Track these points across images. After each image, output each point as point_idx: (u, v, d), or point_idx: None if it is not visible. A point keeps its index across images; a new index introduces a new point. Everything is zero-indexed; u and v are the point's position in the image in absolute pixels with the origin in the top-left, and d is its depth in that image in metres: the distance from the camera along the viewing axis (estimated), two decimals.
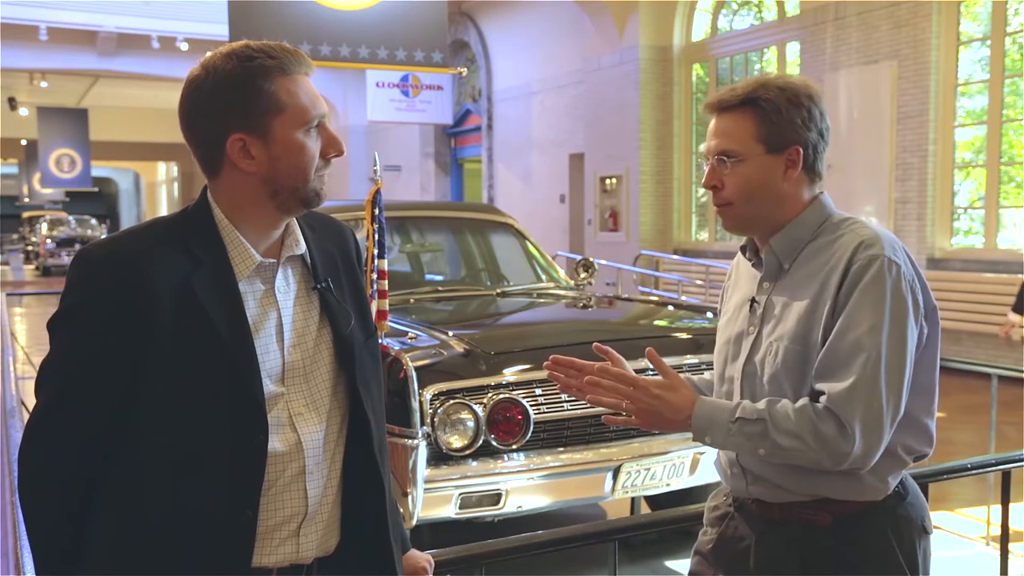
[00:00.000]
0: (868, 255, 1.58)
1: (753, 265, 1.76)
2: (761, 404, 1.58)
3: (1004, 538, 2.85)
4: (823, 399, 1.55)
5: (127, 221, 44.87)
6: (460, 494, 3.36)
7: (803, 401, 1.56)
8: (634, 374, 1.65)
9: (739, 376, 1.70)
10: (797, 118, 1.65)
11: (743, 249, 1.79)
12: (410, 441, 3.28)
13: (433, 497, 3.32)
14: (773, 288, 1.70)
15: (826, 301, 1.60)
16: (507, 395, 3.44)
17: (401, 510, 3.22)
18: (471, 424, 3.39)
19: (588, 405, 3.50)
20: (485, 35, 16.71)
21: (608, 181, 13.32)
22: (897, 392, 1.56)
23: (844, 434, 1.52)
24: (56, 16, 17.09)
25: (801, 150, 1.66)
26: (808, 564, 1.64)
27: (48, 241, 26.08)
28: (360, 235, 3.05)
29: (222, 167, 1.40)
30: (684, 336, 4.11)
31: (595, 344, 1.79)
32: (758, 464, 1.67)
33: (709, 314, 4.45)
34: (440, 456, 3.37)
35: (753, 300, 1.73)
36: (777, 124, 1.64)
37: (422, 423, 3.31)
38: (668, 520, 2.48)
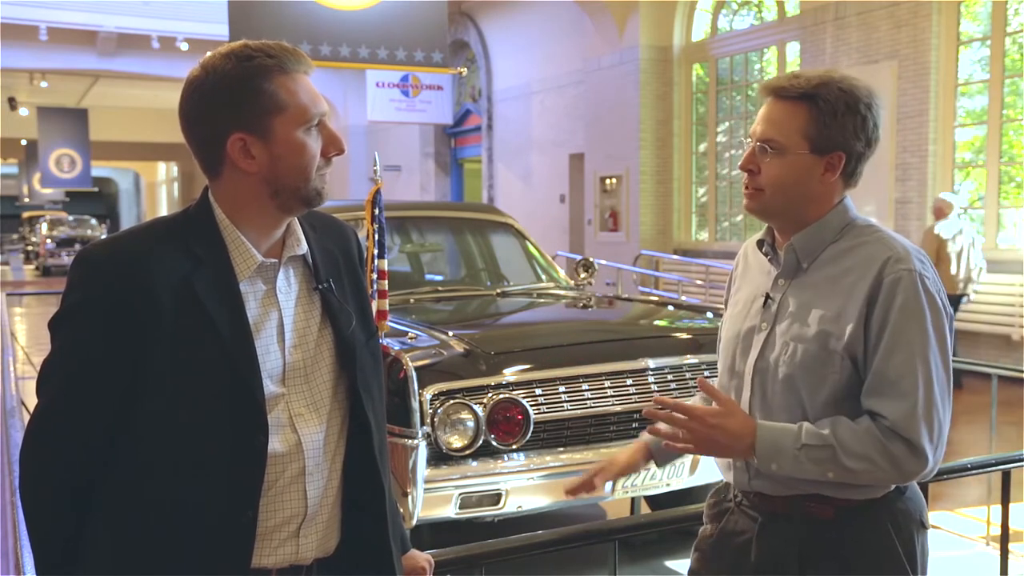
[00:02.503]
0: (899, 269, 1.59)
1: (769, 260, 1.75)
2: (825, 428, 1.58)
3: (1004, 538, 2.85)
4: (886, 421, 1.55)
5: (127, 221, 44.87)
6: (460, 494, 3.36)
7: (866, 422, 1.57)
8: (689, 404, 1.64)
9: (751, 372, 1.70)
10: (850, 124, 1.64)
11: (760, 243, 1.78)
12: (410, 441, 3.28)
13: (433, 497, 3.32)
14: (789, 286, 1.70)
15: (853, 311, 1.60)
16: (507, 395, 3.44)
17: (401, 510, 3.22)
18: (471, 424, 3.39)
19: (588, 405, 3.52)
20: (485, 35, 16.71)
21: (608, 181, 13.32)
22: (949, 404, 1.60)
23: (915, 454, 1.54)
24: (56, 16, 17.09)
25: (844, 157, 1.65)
26: (808, 557, 1.65)
27: (48, 241, 26.07)
28: (360, 235, 3.05)
29: (223, 167, 1.39)
30: (684, 336, 4.11)
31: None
32: None
33: (709, 314, 4.45)
34: (440, 456, 3.36)
35: (768, 296, 1.72)
36: (828, 127, 1.63)
37: (422, 423, 3.31)
38: (668, 520, 2.48)
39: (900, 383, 1.56)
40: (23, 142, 30.41)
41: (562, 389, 3.53)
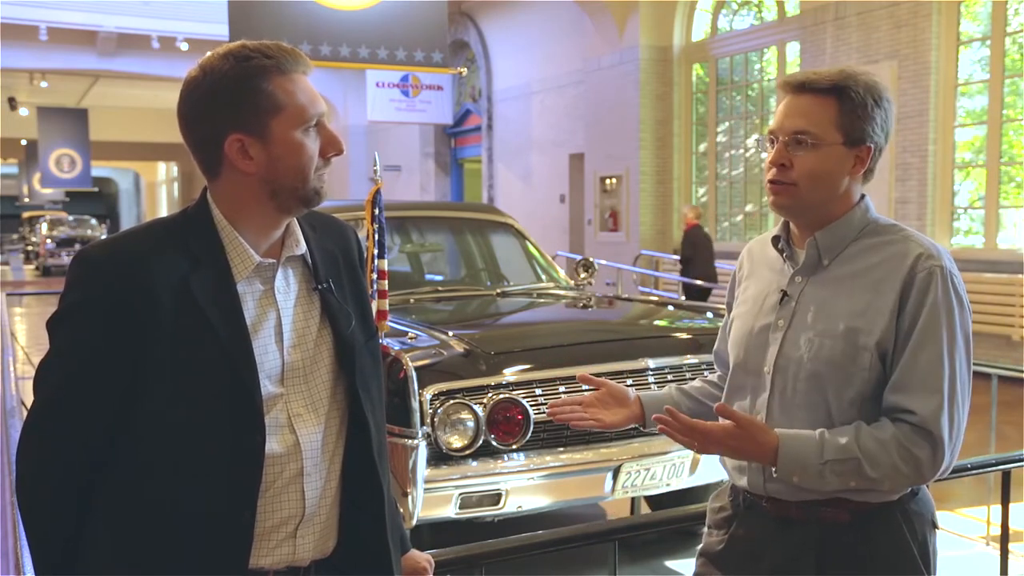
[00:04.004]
0: (931, 265, 1.58)
1: (787, 257, 1.73)
2: (845, 438, 1.56)
3: (1004, 538, 2.84)
4: (913, 418, 1.55)
5: (127, 221, 44.91)
6: (460, 494, 3.36)
7: (890, 428, 1.56)
8: (705, 426, 1.59)
9: (771, 370, 1.68)
10: (877, 118, 1.63)
11: (775, 239, 1.76)
12: (410, 441, 3.28)
13: (433, 497, 3.32)
14: (807, 283, 1.68)
15: (885, 306, 1.59)
16: (507, 395, 3.43)
17: (401, 510, 3.22)
18: (471, 424, 3.39)
19: None
20: (485, 35, 16.71)
21: (608, 181, 13.32)
22: (968, 404, 1.60)
23: (936, 454, 1.54)
24: (56, 16, 17.11)
25: (872, 150, 1.65)
26: (825, 562, 1.63)
27: (48, 241, 26.09)
28: (360, 235, 3.05)
29: (221, 168, 1.39)
30: (684, 336, 4.10)
31: (579, 375, 1.85)
32: None
33: (709, 314, 4.45)
34: (440, 456, 3.36)
35: (784, 293, 1.70)
36: (860, 119, 1.62)
37: (422, 423, 3.31)
38: (668, 520, 2.48)
39: (929, 379, 1.55)
40: (23, 142, 30.43)
41: (562, 389, 3.53)
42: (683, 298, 10.47)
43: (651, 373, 3.67)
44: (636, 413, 1.87)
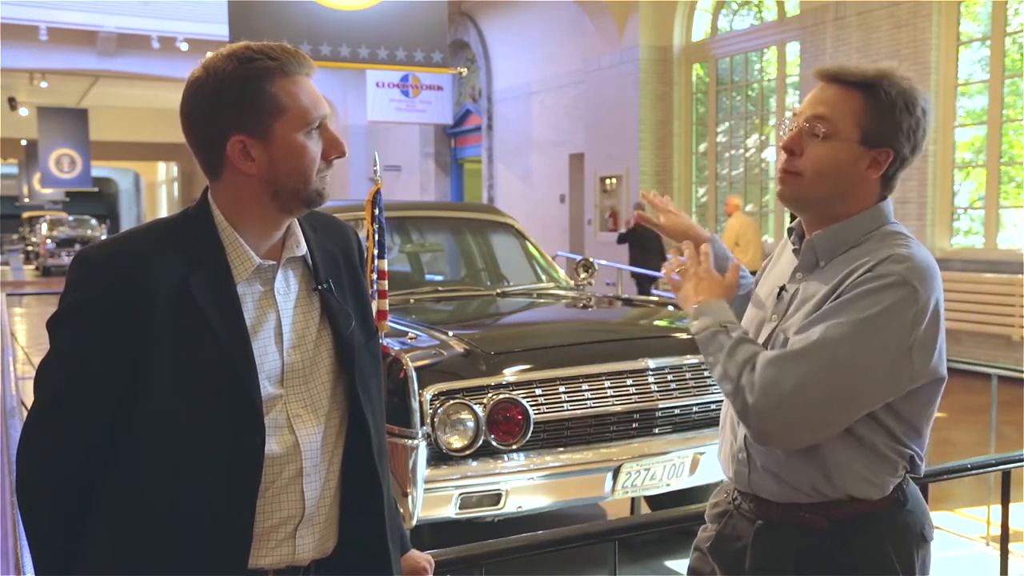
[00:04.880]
0: (892, 269, 1.50)
1: (795, 250, 1.70)
2: (749, 342, 1.60)
3: (1004, 538, 2.85)
4: (760, 358, 1.55)
5: (127, 221, 44.93)
6: (460, 494, 3.36)
7: (762, 355, 1.55)
8: (704, 256, 1.77)
9: None
10: (904, 124, 1.57)
11: (790, 231, 1.73)
12: (410, 441, 3.28)
13: (433, 497, 3.32)
14: (804, 279, 1.65)
15: (828, 296, 1.55)
16: (507, 395, 3.44)
17: (401, 510, 3.22)
18: (471, 424, 3.39)
19: (588, 405, 3.52)
20: (485, 35, 16.71)
21: (608, 181, 13.32)
22: (842, 397, 1.49)
23: (751, 387, 1.51)
24: (56, 16, 17.12)
25: (892, 156, 1.58)
26: (803, 567, 1.62)
27: (48, 241, 26.09)
28: (360, 235, 3.05)
29: (223, 169, 1.39)
30: (684, 336, 4.10)
31: (642, 194, 2.02)
32: (762, 453, 1.65)
33: None
34: (440, 456, 3.36)
35: (783, 288, 1.68)
36: (884, 120, 1.56)
37: (422, 423, 3.31)
38: (668, 520, 2.48)
39: (798, 343, 1.51)
40: (23, 142, 30.44)
41: (562, 389, 3.53)
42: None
43: (651, 373, 3.67)
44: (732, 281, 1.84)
